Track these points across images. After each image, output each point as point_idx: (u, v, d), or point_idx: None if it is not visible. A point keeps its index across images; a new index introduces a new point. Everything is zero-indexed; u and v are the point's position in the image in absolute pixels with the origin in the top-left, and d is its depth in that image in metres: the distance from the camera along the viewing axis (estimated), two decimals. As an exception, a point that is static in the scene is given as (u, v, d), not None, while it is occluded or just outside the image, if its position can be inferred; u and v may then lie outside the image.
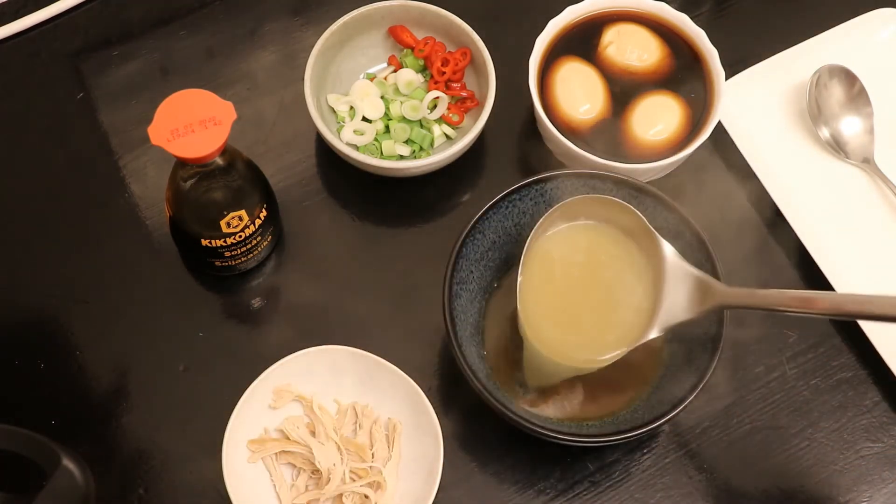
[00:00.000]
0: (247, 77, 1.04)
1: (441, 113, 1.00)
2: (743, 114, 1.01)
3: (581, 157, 0.95)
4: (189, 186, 0.87)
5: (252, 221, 0.91)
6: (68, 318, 0.96)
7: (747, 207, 1.00)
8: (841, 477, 0.93)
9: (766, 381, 0.95)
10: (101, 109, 1.03)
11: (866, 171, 1.01)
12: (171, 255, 0.98)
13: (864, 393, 0.95)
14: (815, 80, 1.01)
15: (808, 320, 0.97)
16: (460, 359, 0.85)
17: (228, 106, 0.83)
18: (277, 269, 0.98)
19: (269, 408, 0.91)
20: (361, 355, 0.90)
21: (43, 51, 1.05)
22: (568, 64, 0.99)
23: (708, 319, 0.88)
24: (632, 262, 0.88)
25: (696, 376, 0.86)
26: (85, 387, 0.94)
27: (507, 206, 0.91)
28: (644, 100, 0.98)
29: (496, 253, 0.93)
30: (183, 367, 0.94)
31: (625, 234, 0.88)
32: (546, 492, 0.92)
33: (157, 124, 0.82)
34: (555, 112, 0.98)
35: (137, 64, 1.05)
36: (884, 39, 1.04)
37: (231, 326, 0.97)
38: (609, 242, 0.89)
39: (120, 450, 0.92)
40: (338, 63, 1.01)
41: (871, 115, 1.01)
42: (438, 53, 1.00)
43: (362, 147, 0.99)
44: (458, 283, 0.88)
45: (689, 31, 0.99)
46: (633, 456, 0.93)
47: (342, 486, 0.88)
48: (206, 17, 1.06)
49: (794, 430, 0.94)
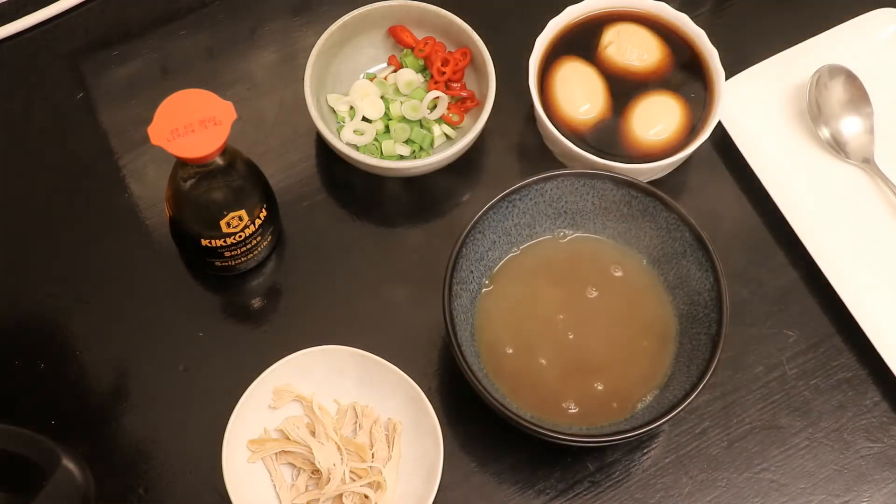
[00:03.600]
0: (247, 77, 1.04)
1: (441, 113, 1.00)
2: (743, 114, 1.01)
3: (581, 157, 0.95)
4: (189, 186, 0.87)
5: (252, 221, 0.91)
6: (68, 318, 0.96)
7: (747, 207, 1.00)
8: (841, 477, 0.93)
9: (766, 381, 0.95)
10: (101, 109, 1.03)
11: (866, 171, 1.01)
12: (171, 255, 0.98)
13: (864, 393, 0.95)
14: (815, 80, 1.01)
15: (808, 320, 0.97)
16: (460, 359, 0.85)
17: (228, 106, 0.83)
18: (277, 269, 0.98)
19: (269, 408, 0.91)
20: (361, 355, 0.90)
21: (43, 51, 1.05)
22: (568, 64, 0.99)
23: (708, 319, 0.88)
24: None
25: (695, 376, 0.86)
26: (85, 387, 0.94)
27: (507, 206, 0.91)
28: (644, 100, 0.98)
29: (496, 253, 0.93)
30: (183, 367, 0.94)
31: None
32: (546, 492, 0.92)
33: (157, 124, 0.82)
34: (555, 112, 0.98)
35: (137, 64, 1.05)
36: (884, 39, 1.04)
37: (231, 326, 0.97)
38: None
39: (120, 450, 0.92)
40: (338, 63, 1.00)
41: (871, 115, 1.01)
42: (438, 53, 1.00)
43: (362, 147, 0.99)
44: (458, 283, 0.88)
45: (689, 31, 0.99)
46: (633, 456, 0.93)
47: (342, 486, 0.88)
48: (206, 17, 1.06)
49: (794, 430, 0.94)
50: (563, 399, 0.89)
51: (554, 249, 0.93)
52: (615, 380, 0.90)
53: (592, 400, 0.89)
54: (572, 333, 0.91)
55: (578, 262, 0.93)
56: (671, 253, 0.91)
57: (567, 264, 0.93)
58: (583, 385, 0.90)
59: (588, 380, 0.90)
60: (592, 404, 0.89)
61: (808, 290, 0.98)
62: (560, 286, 0.92)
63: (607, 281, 0.92)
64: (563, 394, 0.90)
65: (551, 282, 0.92)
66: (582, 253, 0.93)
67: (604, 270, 0.93)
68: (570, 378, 0.90)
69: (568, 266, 0.93)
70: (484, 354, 0.90)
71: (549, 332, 0.91)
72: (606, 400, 0.89)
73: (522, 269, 0.93)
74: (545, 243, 0.94)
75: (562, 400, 0.89)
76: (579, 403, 0.89)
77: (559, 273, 0.93)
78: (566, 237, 0.94)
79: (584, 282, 0.92)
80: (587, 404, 0.89)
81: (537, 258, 0.93)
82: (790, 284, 0.98)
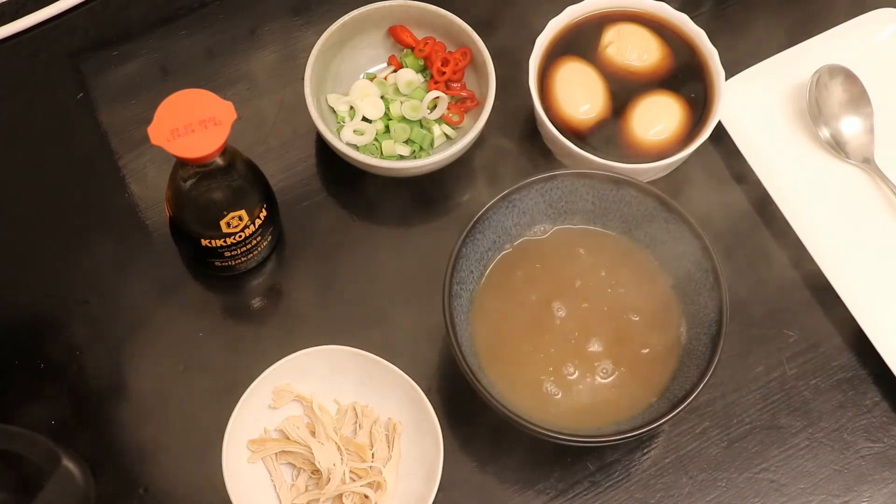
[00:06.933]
0: (247, 77, 1.04)
1: (441, 113, 1.00)
2: (743, 114, 1.01)
3: (581, 157, 0.94)
4: (189, 186, 0.87)
5: (252, 221, 0.91)
6: (68, 318, 0.96)
7: (747, 207, 1.00)
8: (841, 477, 0.93)
9: (766, 381, 0.95)
10: (101, 109, 1.03)
11: (866, 171, 1.01)
12: (171, 255, 0.98)
13: (864, 393, 0.95)
14: (815, 80, 1.01)
15: (808, 320, 0.97)
16: (460, 359, 0.85)
17: (228, 106, 0.83)
18: (277, 269, 0.98)
19: (269, 408, 0.91)
20: (361, 355, 0.90)
21: (43, 51, 1.05)
22: (568, 64, 0.99)
23: (708, 319, 0.88)
24: None
25: (695, 377, 0.86)
26: (85, 387, 0.94)
27: (507, 206, 0.91)
28: (644, 100, 0.98)
29: (496, 253, 0.93)
30: (183, 367, 0.94)
31: None
32: (546, 492, 0.92)
33: (157, 124, 0.82)
34: (555, 112, 0.98)
35: (137, 64, 1.05)
36: (884, 39, 1.04)
37: (231, 326, 0.97)
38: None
39: (120, 450, 0.92)
40: (338, 63, 1.00)
41: (871, 115, 1.01)
42: (438, 53, 1.00)
43: (362, 147, 0.99)
44: (458, 283, 0.88)
45: (689, 31, 0.99)
46: (633, 456, 0.93)
47: (342, 486, 0.88)
48: (206, 17, 1.06)
49: (794, 430, 0.94)
50: (563, 398, 0.89)
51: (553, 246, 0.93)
52: (617, 379, 0.90)
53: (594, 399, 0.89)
54: (572, 333, 0.91)
55: (579, 261, 0.93)
56: (671, 253, 0.91)
57: (567, 263, 0.93)
58: (584, 384, 0.90)
59: (589, 379, 0.90)
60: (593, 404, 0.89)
61: (808, 290, 0.98)
62: (560, 286, 0.92)
63: (608, 281, 0.92)
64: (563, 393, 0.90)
65: (551, 281, 0.92)
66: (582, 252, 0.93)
67: (604, 270, 0.93)
68: (570, 377, 0.90)
69: (568, 265, 0.93)
70: (484, 354, 0.90)
71: (548, 331, 0.91)
72: (607, 399, 0.89)
73: (520, 266, 0.93)
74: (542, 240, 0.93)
75: (562, 399, 0.89)
76: (579, 403, 0.89)
77: (559, 272, 0.93)
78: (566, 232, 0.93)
79: (585, 282, 0.92)
80: (587, 404, 0.89)
81: (533, 255, 0.93)
82: (790, 284, 0.98)
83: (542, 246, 0.93)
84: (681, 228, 0.90)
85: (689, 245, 0.90)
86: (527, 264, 0.93)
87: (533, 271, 0.92)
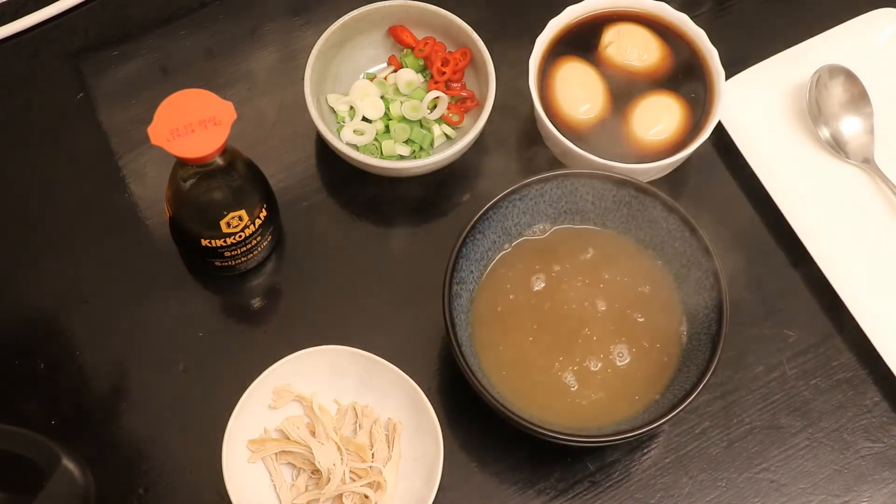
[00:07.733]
0: (247, 77, 1.04)
1: (441, 113, 1.00)
2: (743, 114, 1.01)
3: (581, 157, 0.94)
4: (189, 186, 0.87)
5: (252, 221, 0.91)
6: (68, 318, 0.96)
7: (747, 207, 1.00)
8: (841, 477, 0.93)
9: (766, 381, 0.95)
10: (101, 109, 1.03)
11: (866, 171, 1.01)
12: (171, 255, 0.98)
13: (864, 393, 0.95)
14: (815, 80, 1.01)
15: (808, 320, 0.97)
16: (460, 359, 0.85)
17: (228, 106, 0.83)
18: (277, 269, 0.98)
19: (269, 408, 0.91)
20: (361, 355, 0.90)
21: (43, 51, 1.05)
22: (568, 64, 0.99)
23: (708, 319, 0.88)
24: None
25: (695, 376, 0.86)
26: (85, 387, 0.94)
27: (507, 206, 0.91)
28: (644, 100, 0.98)
29: (496, 253, 0.93)
30: (183, 367, 0.94)
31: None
32: (546, 492, 0.92)
33: (156, 124, 0.82)
34: (555, 112, 0.98)
35: (137, 64, 1.05)
36: (884, 39, 1.04)
37: (231, 326, 0.97)
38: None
39: (120, 450, 0.92)
40: (338, 63, 1.00)
41: (871, 115, 1.01)
42: (438, 53, 1.00)
43: (362, 147, 0.99)
44: (458, 283, 0.88)
45: (689, 31, 0.99)
46: (633, 456, 0.93)
47: (342, 486, 0.88)
48: (206, 17, 1.06)
49: (794, 430, 0.94)
50: (563, 398, 0.89)
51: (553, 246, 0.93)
52: (617, 379, 0.90)
53: (593, 399, 0.89)
54: (572, 333, 0.91)
55: (578, 261, 0.93)
56: (671, 253, 0.91)
57: (567, 264, 0.93)
58: (584, 384, 0.90)
59: (589, 379, 0.90)
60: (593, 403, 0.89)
61: (808, 290, 0.98)
62: (560, 286, 0.92)
63: (607, 281, 0.92)
64: (564, 393, 0.90)
65: (550, 281, 0.92)
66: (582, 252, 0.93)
67: (604, 270, 0.93)
68: (570, 377, 0.90)
69: (568, 266, 0.93)
70: (483, 354, 0.90)
71: (548, 332, 0.91)
72: (607, 399, 0.89)
73: (520, 266, 0.93)
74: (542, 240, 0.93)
75: (562, 399, 0.89)
76: (580, 402, 0.89)
77: (559, 272, 0.93)
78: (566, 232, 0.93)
79: (584, 282, 0.92)
80: (588, 403, 0.89)
81: (533, 255, 0.93)
82: (790, 284, 0.98)
83: (541, 246, 0.93)
84: (681, 228, 0.90)
85: (689, 245, 0.90)
86: (527, 264, 0.93)
87: (533, 271, 0.92)
